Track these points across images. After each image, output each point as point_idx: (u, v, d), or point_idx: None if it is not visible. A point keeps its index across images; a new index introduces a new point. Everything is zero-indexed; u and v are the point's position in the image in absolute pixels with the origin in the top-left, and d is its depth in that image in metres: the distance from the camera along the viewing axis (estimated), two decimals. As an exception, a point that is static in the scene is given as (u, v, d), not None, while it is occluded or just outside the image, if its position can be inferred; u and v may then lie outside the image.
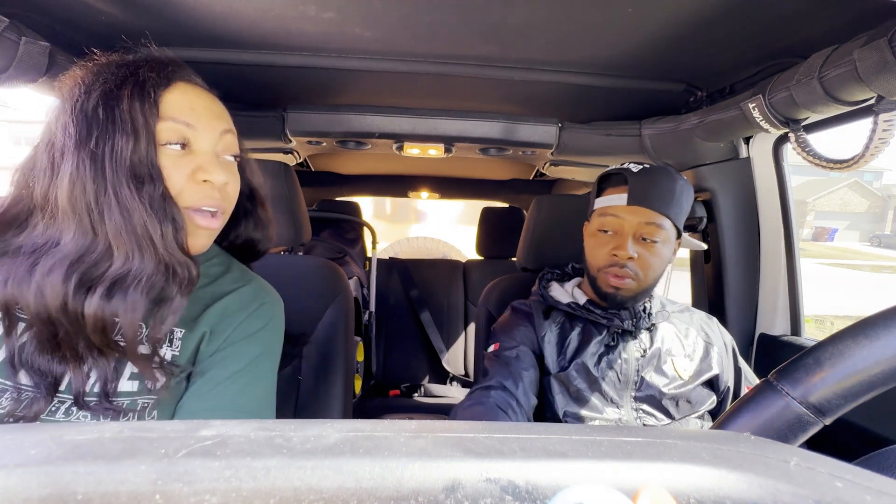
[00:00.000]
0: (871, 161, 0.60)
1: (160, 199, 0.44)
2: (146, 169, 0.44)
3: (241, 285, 0.55)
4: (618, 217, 0.73)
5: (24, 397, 0.43)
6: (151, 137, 0.44)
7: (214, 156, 0.49)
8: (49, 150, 0.43)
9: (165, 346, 0.48)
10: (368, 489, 0.17)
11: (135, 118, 0.43)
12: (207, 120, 0.48)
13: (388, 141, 1.09)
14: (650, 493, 0.16)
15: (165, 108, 0.46)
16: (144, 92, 0.44)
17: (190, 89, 0.49)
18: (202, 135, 0.48)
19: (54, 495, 0.16)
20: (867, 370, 0.29)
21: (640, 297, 0.76)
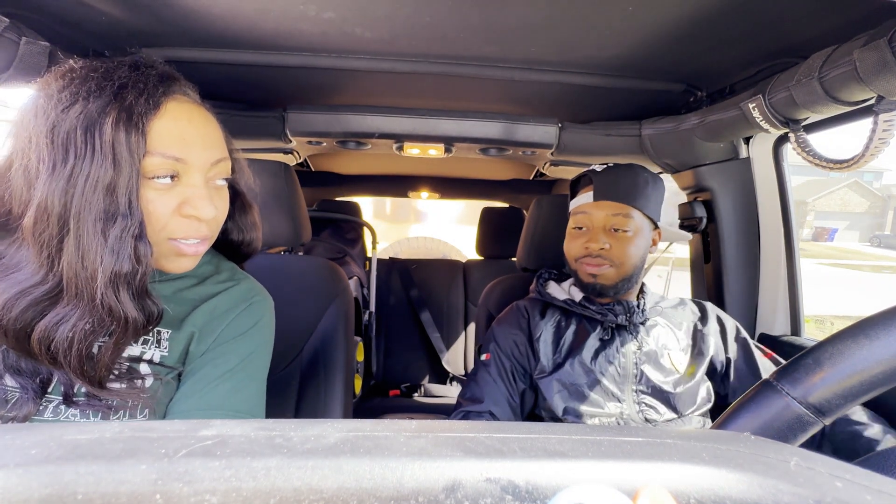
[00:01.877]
0: (871, 161, 0.60)
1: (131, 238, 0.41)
2: (123, 206, 0.41)
3: (230, 285, 0.55)
4: (587, 213, 0.79)
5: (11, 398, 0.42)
6: (136, 172, 0.41)
7: (205, 187, 0.46)
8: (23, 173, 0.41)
9: (153, 346, 0.48)
10: (369, 489, 0.17)
11: (118, 150, 0.40)
12: (199, 150, 0.45)
13: (388, 141, 1.09)
14: (650, 492, 0.16)
15: (154, 141, 0.42)
16: (131, 121, 0.40)
17: (182, 112, 0.45)
18: (193, 167, 0.45)
19: (54, 495, 0.16)
20: (867, 370, 0.29)
21: (623, 286, 0.78)
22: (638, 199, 0.77)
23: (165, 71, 0.46)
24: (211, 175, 0.47)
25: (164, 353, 0.48)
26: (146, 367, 0.47)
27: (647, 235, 0.79)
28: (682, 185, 1.10)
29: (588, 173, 0.82)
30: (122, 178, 0.40)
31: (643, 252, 0.78)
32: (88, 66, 0.43)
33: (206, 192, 0.46)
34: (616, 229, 0.77)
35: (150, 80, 0.43)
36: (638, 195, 0.77)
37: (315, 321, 0.86)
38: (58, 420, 0.43)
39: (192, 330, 0.50)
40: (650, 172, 0.81)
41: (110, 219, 0.40)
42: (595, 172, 0.80)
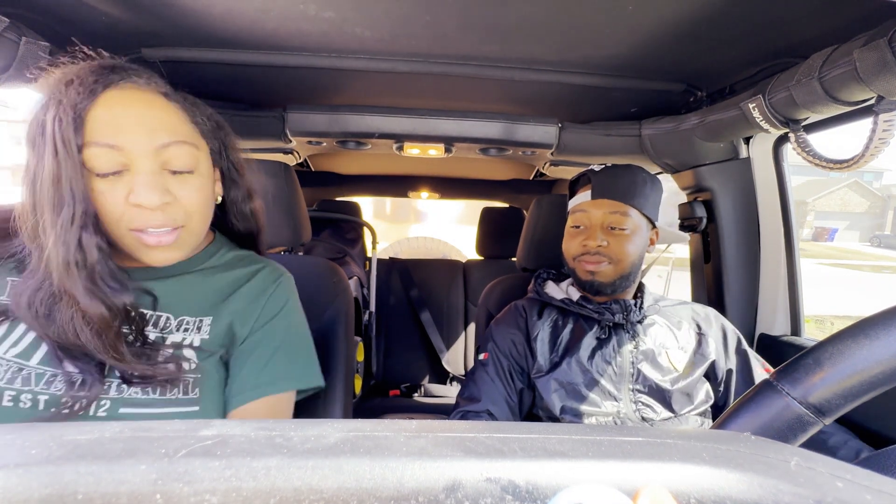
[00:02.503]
0: (871, 161, 0.60)
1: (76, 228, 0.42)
2: (68, 196, 0.42)
3: (257, 268, 0.59)
4: (585, 212, 0.80)
5: (76, 380, 0.44)
6: (76, 163, 0.42)
7: (150, 175, 0.45)
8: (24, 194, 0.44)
9: (193, 332, 0.51)
10: (369, 489, 0.17)
11: (57, 143, 0.41)
12: (138, 136, 0.45)
13: (388, 141, 1.09)
14: (650, 492, 0.16)
15: (89, 131, 0.43)
16: (67, 114, 0.42)
17: (118, 99, 0.45)
18: (135, 154, 0.45)
19: (55, 495, 0.16)
20: (867, 370, 0.29)
21: (620, 284, 0.79)
22: (635, 199, 0.77)
23: (110, 64, 0.46)
24: (163, 160, 0.47)
25: (205, 337, 0.51)
26: (190, 352, 0.50)
27: (644, 234, 0.80)
28: (682, 186, 1.10)
29: (587, 173, 0.82)
30: (64, 169, 0.42)
31: (640, 251, 0.79)
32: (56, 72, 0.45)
33: (149, 178, 0.45)
34: (613, 227, 0.77)
35: (91, 76, 0.44)
36: (636, 194, 0.78)
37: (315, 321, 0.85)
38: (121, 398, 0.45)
39: (230, 315, 0.54)
40: (648, 173, 0.81)
41: (58, 208, 0.42)
42: (593, 172, 0.81)
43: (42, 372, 0.44)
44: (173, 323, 0.50)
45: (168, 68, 0.84)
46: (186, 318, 0.52)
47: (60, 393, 0.43)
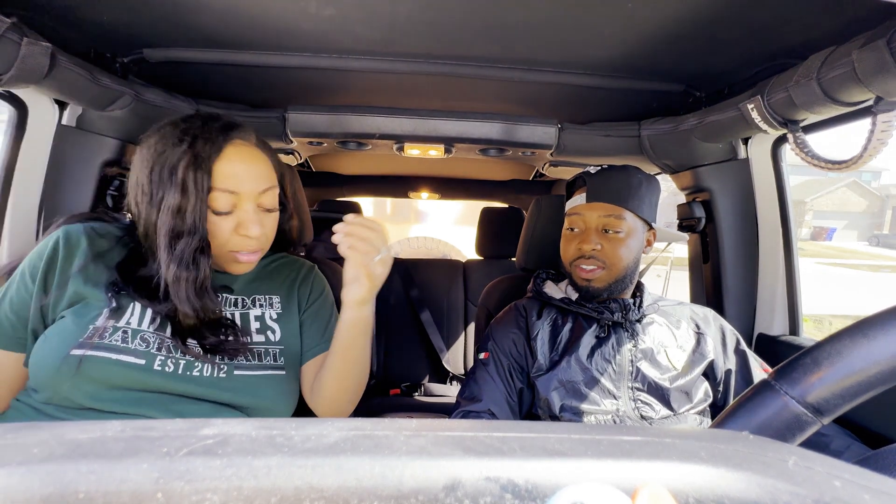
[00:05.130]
0: (870, 161, 0.60)
1: (192, 251, 0.56)
2: (189, 226, 0.56)
3: (300, 266, 0.77)
4: (580, 215, 0.80)
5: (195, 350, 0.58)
6: (202, 202, 0.56)
7: (254, 213, 0.61)
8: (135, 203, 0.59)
9: (267, 307, 0.69)
10: (369, 488, 0.17)
11: (188, 185, 0.55)
12: (250, 183, 0.59)
13: (388, 141, 1.10)
14: (649, 491, 0.16)
15: (216, 179, 0.57)
16: (198, 164, 0.56)
17: (237, 154, 0.59)
18: (245, 198, 0.60)
19: (56, 494, 0.16)
20: (865, 370, 0.29)
21: (616, 287, 0.79)
22: (630, 201, 0.77)
23: (228, 122, 0.61)
24: (260, 202, 0.62)
25: (280, 311, 0.70)
26: (273, 323, 0.68)
27: (640, 237, 0.80)
28: (680, 186, 1.11)
29: (582, 175, 0.82)
30: (189, 204, 0.55)
31: (636, 253, 0.79)
32: (173, 122, 0.59)
33: (255, 216, 0.61)
34: (608, 230, 0.78)
35: (214, 131, 0.58)
36: (630, 196, 0.78)
37: None
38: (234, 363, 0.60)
39: (295, 294, 0.72)
40: (644, 174, 0.81)
41: (178, 235, 0.56)
42: (588, 174, 0.81)
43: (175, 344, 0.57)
44: (248, 301, 0.68)
45: (169, 69, 0.84)
46: (258, 296, 0.69)
47: (192, 359, 0.58)
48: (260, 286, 0.71)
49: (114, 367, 0.54)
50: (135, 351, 0.55)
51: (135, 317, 0.57)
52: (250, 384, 0.61)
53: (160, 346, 0.57)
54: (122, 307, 0.57)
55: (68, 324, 0.55)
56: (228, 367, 0.60)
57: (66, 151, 0.86)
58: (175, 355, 0.57)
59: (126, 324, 0.56)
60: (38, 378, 0.55)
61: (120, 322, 0.56)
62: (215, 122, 0.59)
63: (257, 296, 0.69)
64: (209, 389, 0.58)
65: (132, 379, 0.55)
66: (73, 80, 0.68)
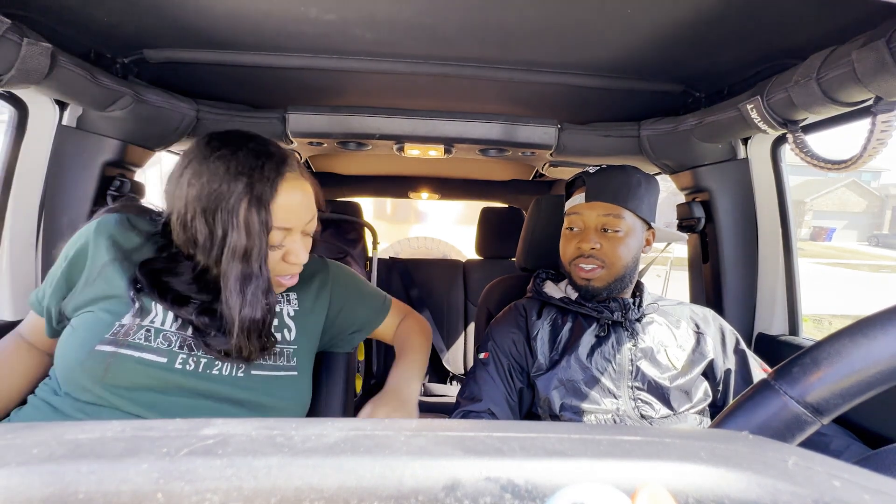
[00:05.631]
0: (869, 161, 0.60)
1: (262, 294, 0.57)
2: (256, 270, 0.57)
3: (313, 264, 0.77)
4: (580, 214, 0.80)
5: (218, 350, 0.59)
6: (265, 243, 0.57)
7: (301, 241, 0.63)
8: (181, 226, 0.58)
9: (285, 303, 0.70)
10: (369, 488, 0.17)
11: (251, 226, 0.55)
12: (301, 217, 0.61)
13: (388, 142, 1.10)
14: (649, 491, 0.16)
15: (274, 218, 0.57)
16: (260, 204, 0.56)
17: (290, 189, 0.59)
18: (295, 230, 0.62)
19: (56, 494, 0.16)
20: (865, 370, 0.29)
21: (615, 287, 0.79)
22: (629, 200, 0.78)
23: (279, 154, 0.60)
24: (306, 229, 0.64)
25: (297, 308, 0.71)
26: (290, 321, 0.69)
27: (639, 236, 0.80)
28: (680, 186, 1.11)
29: (581, 175, 0.83)
30: (255, 248, 0.56)
31: (635, 252, 0.79)
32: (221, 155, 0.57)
33: (301, 244, 0.63)
34: (607, 229, 0.78)
35: (269, 168, 0.58)
36: (629, 196, 0.78)
37: None
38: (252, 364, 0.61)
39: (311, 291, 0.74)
40: (643, 173, 0.81)
41: (247, 280, 0.56)
42: (588, 174, 0.81)
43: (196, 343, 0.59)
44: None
45: (169, 69, 0.84)
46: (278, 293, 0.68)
47: (212, 358, 0.59)
48: None
49: (136, 364, 0.55)
50: (157, 349, 0.57)
51: (158, 316, 0.59)
52: (266, 384, 0.62)
53: (182, 345, 0.58)
54: (145, 306, 0.58)
55: (95, 319, 0.57)
56: (246, 367, 0.61)
57: (67, 152, 0.86)
58: (196, 353, 0.59)
59: (150, 322, 0.58)
60: (62, 370, 0.56)
61: (144, 321, 0.58)
62: (268, 158, 0.58)
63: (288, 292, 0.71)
64: (228, 388, 0.59)
65: (153, 376, 0.56)
66: (73, 80, 0.68)
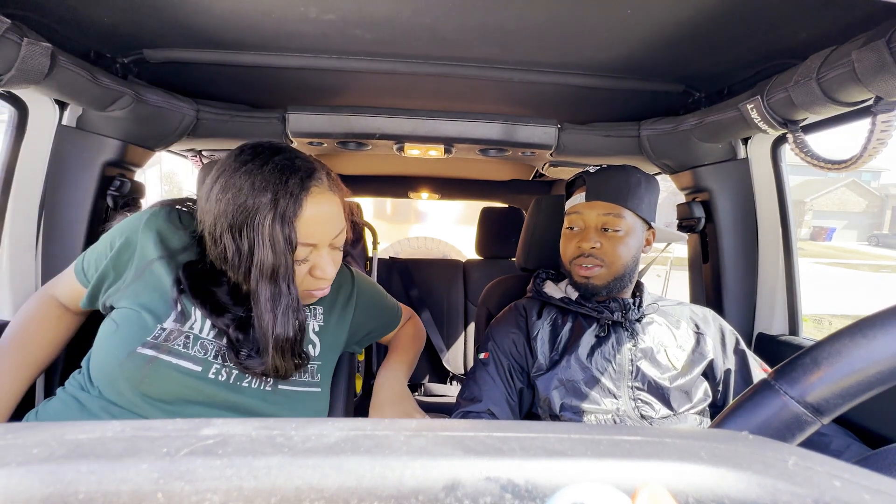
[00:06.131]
0: (869, 161, 0.60)
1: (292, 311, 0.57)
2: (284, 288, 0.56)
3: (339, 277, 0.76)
4: (580, 213, 0.81)
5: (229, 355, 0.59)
6: (291, 260, 0.56)
7: (328, 255, 0.62)
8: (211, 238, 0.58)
9: (311, 318, 0.70)
10: (369, 488, 0.17)
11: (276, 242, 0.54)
12: (327, 232, 0.60)
13: (388, 142, 1.10)
14: (649, 491, 0.16)
15: (299, 234, 0.56)
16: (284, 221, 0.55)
17: (316, 204, 0.58)
18: (321, 246, 0.60)
19: (56, 494, 0.16)
20: (865, 370, 0.29)
21: (615, 286, 0.79)
22: (629, 200, 0.78)
23: (305, 168, 0.58)
24: (333, 243, 0.62)
25: (321, 323, 0.71)
26: (314, 337, 0.69)
27: (639, 235, 0.80)
28: (680, 186, 1.11)
29: (581, 174, 0.83)
30: (281, 265, 0.55)
31: (635, 252, 0.79)
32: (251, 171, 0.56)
33: (329, 258, 0.62)
34: (607, 229, 0.78)
35: (293, 183, 0.56)
36: (629, 196, 0.78)
37: None
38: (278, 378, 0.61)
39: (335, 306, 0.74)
40: (643, 173, 0.81)
41: (277, 299, 0.56)
42: (588, 174, 0.82)
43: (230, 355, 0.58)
44: None
45: (169, 69, 0.84)
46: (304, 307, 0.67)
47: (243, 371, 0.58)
48: None
49: (172, 371, 0.55)
50: (193, 357, 0.57)
51: (197, 322, 0.59)
52: (292, 400, 0.62)
53: (217, 355, 0.58)
54: (186, 310, 0.58)
55: (138, 319, 0.57)
56: (274, 382, 0.61)
57: (67, 152, 0.86)
58: (229, 364, 0.59)
59: (189, 328, 0.58)
60: (100, 367, 0.56)
61: (185, 326, 0.58)
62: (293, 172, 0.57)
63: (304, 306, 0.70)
64: (256, 402, 0.59)
65: (187, 385, 0.56)
66: (73, 80, 0.68)
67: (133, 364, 0.54)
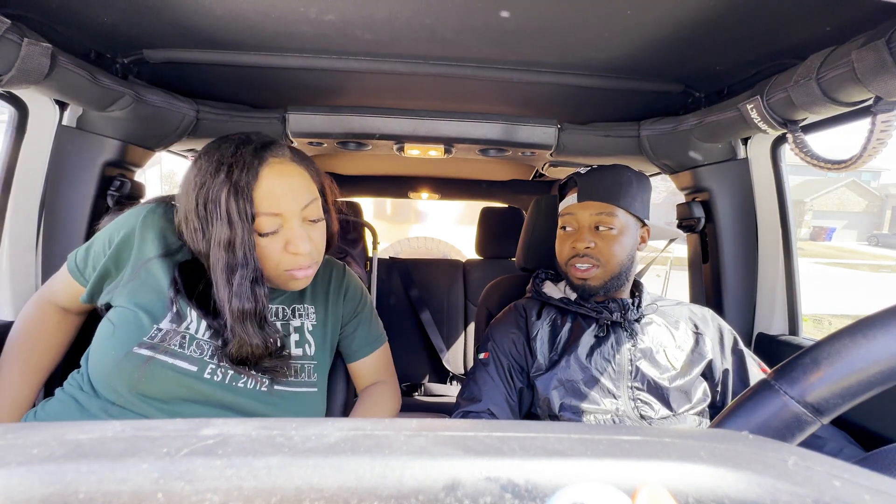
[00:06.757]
0: (869, 161, 0.60)
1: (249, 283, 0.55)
2: (241, 259, 0.55)
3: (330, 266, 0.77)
4: (573, 214, 0.81)
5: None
6: (248, 231, 0.55)
7: (300, 229, 0.59)
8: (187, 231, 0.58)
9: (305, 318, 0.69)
10: (369, 488, 0.17)
11: (232, 216, 0.54)
12: (292, 201, 0.58)
13: (388, 142, 1.10)
14: (649, 491, 0.16)
15: (258, 204, 0.55)
16: (238, 192, 0.54)
17: (274, 174, 0.57)
18: (289, 216, 0.58)
19: (56, 494, 0.16)
20: (865, 370, 0.29)
21: (612, 285, 0.79)
22: (621, 198, 0.78)
23: (261, 141, 0.59)
24: (304, 215, 0.60)
25: (314, 322, 0.70)
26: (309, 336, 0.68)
27: (633, 233, 0.80)
28: (680, 186, 1.11)
29: (573, 176, 0.84)
30: (237, 237, 0.54)
31: (629, 250, 0.79)
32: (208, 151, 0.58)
33: (302, 231, 0.59)
34: (600, 228, 0.78)
35: (247, 155, 0.56)
36: (621, 194, 0.78)
37: None
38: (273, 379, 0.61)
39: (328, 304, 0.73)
40: (634, 172, 0.82)
41: (233, 270, 0.55)
42: (579, 175, 0.82)
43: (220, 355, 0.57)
44: (289, 311, 0.68)
45: (169, 70, 0.84)
46: (297, 306, 0.69)
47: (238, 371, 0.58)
48: (298, 295, 0.71)
49: (170, 371, 0.55)
50: (189, 357, 0.57)
51: (193, 323, 0.59)
52: (288, 400, 0.62)
53: (213, 355, 0.58)
54: (181, 310, 0.58)
55: (134, 319, 0.57)
56: (269, 382, 0.61)
57: (67, 152, 0.86)
58: (224, 364, 0.59)
59: (185, 328, 0.58)
60: (97, 367, 0.57)
61: (181, 326, 0.58)
62: (247, 144, 0.58)
63: (297, 305, 0.70)
64: (252, 402, 0.59)
65: (184, 385, 0.56)
66: (73, 80, 0.68)
67: (130, 364, 0.54)
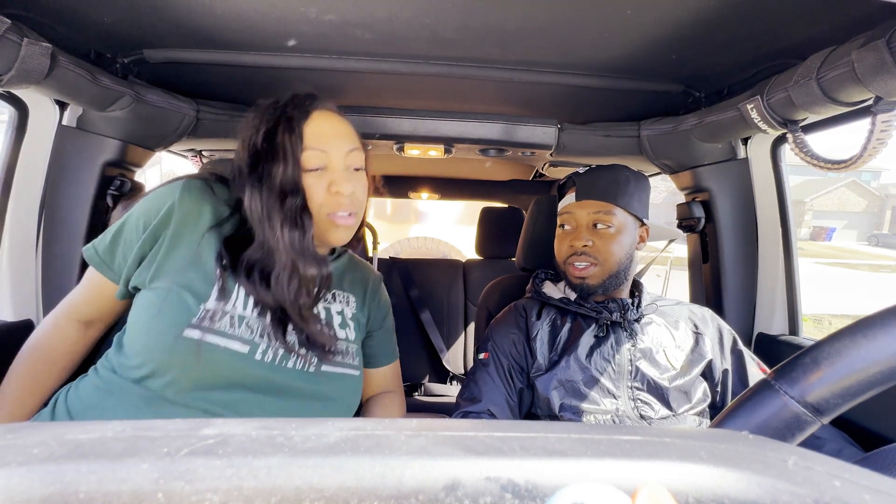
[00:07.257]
0: (869, 161, 0.60)
1: (297, 209, 0.58)
2: (291, 186, 0.58)
3: (368, 270, 0.81)
4: (571, 213, 0.82)
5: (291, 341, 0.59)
6: (297, 163, 0.59)
7: (344, 171, 0.62)
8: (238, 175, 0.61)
9: (345, 304, 0.71)
10: (369, 487, 0.17)
11: (286, 149, 0.58)
12: (337, 143, 0.62)
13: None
14: (649, 491, 0.16)
15: (307, 139, 0.60)
16: (291, 126, 0.59)
17: (323, 117, 0.63)
18: (334, 156, 0.61)
19: (56, 494, 0.16)
20: (865, 370, 0.29)
21: (611, 284, 0.79)
22: (619, 197, 0.78)
23: (312, 93, 0.65)
24: (348, 162, 0.63)
25: (354, 310, 0.72)
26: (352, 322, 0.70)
27: (631, 232, 0.80)
28: (680, 186, 1.11)
29: (571, 175, 0.84)
30: (288, 167, 0.58)
31: (628, 249, 0.80)
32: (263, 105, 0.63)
33: (344, 174, 0.62)
34: (598, 226, 0.79)
35: (300, 101, 0.62)
36: (618, 193, 0.79)
37: None
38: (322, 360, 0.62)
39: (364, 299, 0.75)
40: (632, 171, 0.82)
41: (285, 197, 0.58)
42: (577, 174, 0.83)
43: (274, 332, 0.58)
44: (330, 296, 0.69)
45: (169, 69, 0.84)
46: (338, 292, 0.71)
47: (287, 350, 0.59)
48: (339, 281, 0.72)
49: (222, 353, 0.54)
50: (240, 338, 0.56)
51: (240, 301, 0.58)
52: (334, 381, 0.63)
53: (262, 334, 0.57)
54: (227, 289, 0.57)
55: (178, 300, 0.55)
56: (317, 363, 0.61)
57: (67, 152, 0.86)
58: (274, 344, 0.58)
59: (233, 307, 0.57)
60: (148, 354, 0.54)
61: (227, 305, 0.56)
62: (297, 96, 0.63)
63: (337, 291, 0.71)
64: (299, 383, 0.59)
65: (234, 367, 0.55)
66: (73, 80, 0.68)
67: (185, 346, 0.52)
